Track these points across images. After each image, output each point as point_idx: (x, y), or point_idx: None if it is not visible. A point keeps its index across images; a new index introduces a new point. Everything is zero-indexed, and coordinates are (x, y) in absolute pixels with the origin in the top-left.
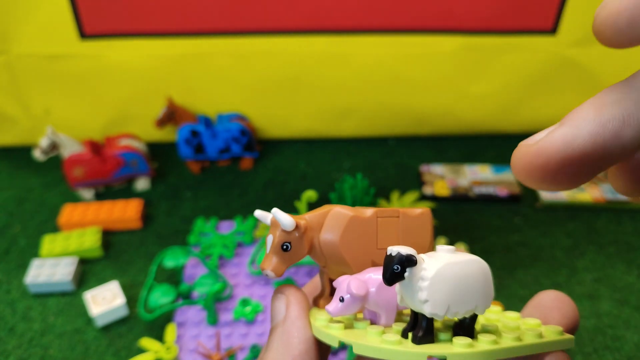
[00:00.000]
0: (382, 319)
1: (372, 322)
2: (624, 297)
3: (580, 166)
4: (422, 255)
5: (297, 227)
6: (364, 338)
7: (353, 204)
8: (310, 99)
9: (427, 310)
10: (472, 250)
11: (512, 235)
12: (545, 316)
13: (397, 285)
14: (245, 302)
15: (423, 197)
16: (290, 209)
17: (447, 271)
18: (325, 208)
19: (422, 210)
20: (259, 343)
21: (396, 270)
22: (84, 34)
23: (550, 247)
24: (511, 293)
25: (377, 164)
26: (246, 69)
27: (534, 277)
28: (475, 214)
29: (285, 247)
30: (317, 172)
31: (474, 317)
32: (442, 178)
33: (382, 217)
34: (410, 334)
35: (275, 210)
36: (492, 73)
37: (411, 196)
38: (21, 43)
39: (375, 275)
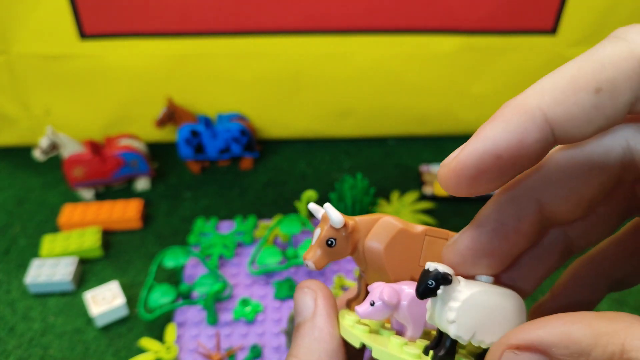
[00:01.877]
0: (409, 332)
1: (398, 333)
2: (622, 297)
3: (490, 170)
4: (459, 278)
5: (345, 225)
6: (385, 345)
7: (353, 204)
8: (310, 99)
9: (452, 331)
10: None
11: None
12: None
13: (428, 302)
14: (245, 302)
15: (423, 197)
16: (291, 209)
17: (480, 297)
18: (377, 215)
19: None
20: (259, 343)
21: (430, 285)
22: (84, 34)
23: None
24: None
25: (377, 164)
26: (246, 69)
27: None
28: (475, 214)
29: (330, 242)
30: (317, 172)
31: None
32: None
33: (430, 236)
34: (431, 352)
35: (327, 205)
36: (492, 73)
37: (411, 196)
38: (21, 43)
39: (409, 288)
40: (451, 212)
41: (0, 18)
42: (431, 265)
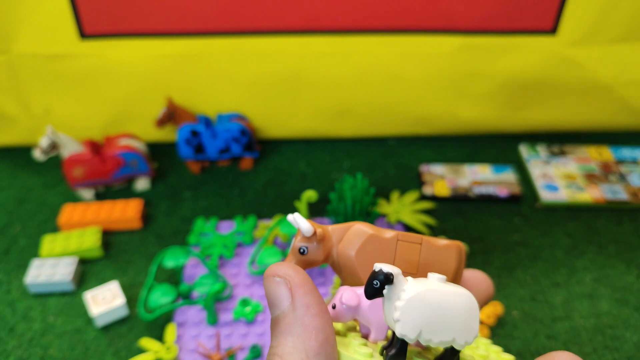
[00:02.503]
0: (372, 334)
1: (364, 337)
2: (623, 297)
3: None
4: (408, 278)
5: (314, 234)
6: (345, 346)
7: (353, 204)
8: (310, 99)
9: (397, 329)
10: (472, 250)
11: (512, 235)
12: None
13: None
14: (245, 302)
15: (423, 197)
16: (290, 209)
17: (425, 296)
18: (349, 223)
19: (448, 243)
20: (259, 343)
21: (375, 285)
22: (84, 34)
23: (550, 247)
24: (510, 292)
25: (377, 164)
26: (246, 69)
27: (533, 277)
28: (475, 214)
29: (302, 250)
30: (317, 172)
31: (454, 351)
32: (442, 178)
33: (402, 241)
34: (385, 352)
35: (296, 215)
36: (492, 73)
37: (411, 196)
38: (21, 43)
39: None
40: (451, 212)
41: (0, 18)
42: (377, 266)
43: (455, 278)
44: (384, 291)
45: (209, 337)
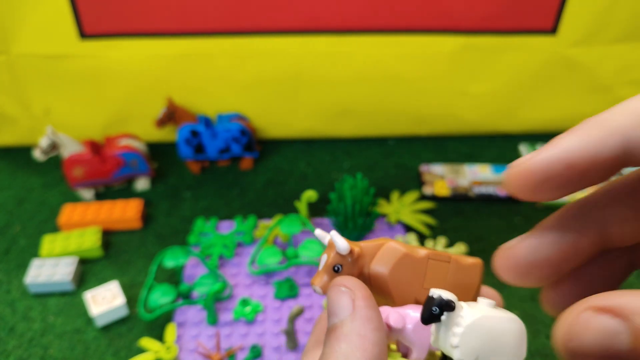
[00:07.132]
0: (414, 354)
1: (404, 356)
2: None
3: (560, 177)
4: (462, 303)
5: (351, 252)
6: None
7: (353, 204)
8: (310, 98)
9: (456, 355)
10: (472, 250)
11: (512, 235)
12: None
13: (432, 326)
14: (245, 302)
15: (423, 197)
16: (291, 209)
17: (483, 323)
18: (381, 240)
19: (474, 261)
20: (259, 343)
21: (434, 312)
22: (84, 34)
23: None
24: (511, 292)
25: (377, 164)
26: (246, 69)
27: None
28: (475, 214)
29: (336, 268)
30: (317, 172)
31: None
32: (442, 178)
33: (433, 260)
34: None
35: (333, 233)
36: (492, 73)
37: (411, 196)
38: (21, 43)
39: (414, 312)
40: (451, 212)
41: (0, 18)
42: (435, 292)
43: (476, 294)
44: (442, 317)
45: (209, 337)
